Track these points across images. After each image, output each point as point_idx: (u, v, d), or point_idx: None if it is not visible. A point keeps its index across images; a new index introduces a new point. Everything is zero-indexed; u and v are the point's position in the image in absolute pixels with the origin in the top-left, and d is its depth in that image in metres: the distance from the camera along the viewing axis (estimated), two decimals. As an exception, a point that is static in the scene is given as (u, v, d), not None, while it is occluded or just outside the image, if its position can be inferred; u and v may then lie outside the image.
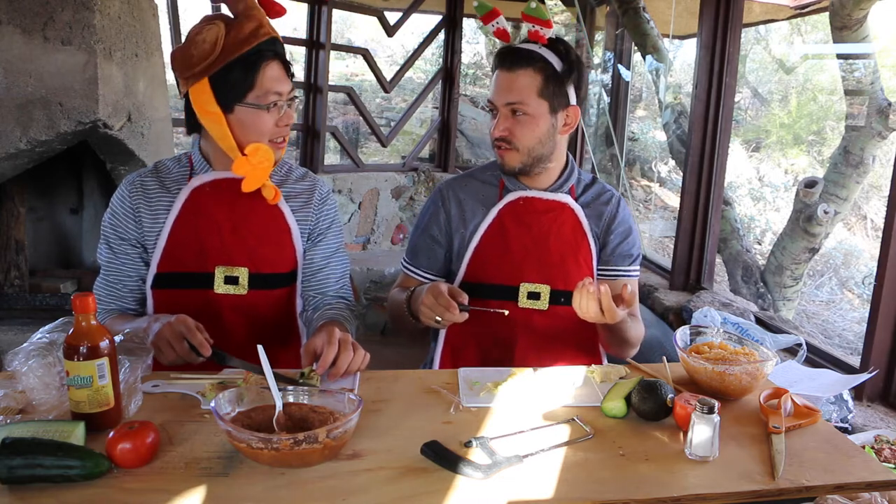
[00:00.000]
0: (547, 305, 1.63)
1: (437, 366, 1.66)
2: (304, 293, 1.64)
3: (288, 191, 1.60)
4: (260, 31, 1.40)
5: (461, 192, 1.69)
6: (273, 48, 1.42)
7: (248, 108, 1.42)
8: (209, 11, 3.71)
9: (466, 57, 9.30)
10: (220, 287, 1.52)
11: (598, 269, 1.69)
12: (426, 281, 1.66)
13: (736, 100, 3.56)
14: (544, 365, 1.50)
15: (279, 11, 1.46)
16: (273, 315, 1.59)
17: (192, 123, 1.49)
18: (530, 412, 1.26)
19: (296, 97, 1.50)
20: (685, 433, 1.15)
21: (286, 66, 1.46)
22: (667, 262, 3.75)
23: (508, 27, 1.60)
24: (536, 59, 1.53)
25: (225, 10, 1.47)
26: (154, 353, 1.31)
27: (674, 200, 7.85)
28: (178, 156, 1.58)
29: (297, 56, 4.22)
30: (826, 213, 3.96)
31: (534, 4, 1.52)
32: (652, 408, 1.22)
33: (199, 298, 1.52)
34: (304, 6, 4.18)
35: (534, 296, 1.62)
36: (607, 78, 4.81)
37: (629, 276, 1.70)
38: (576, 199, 1.66)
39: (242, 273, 1.53)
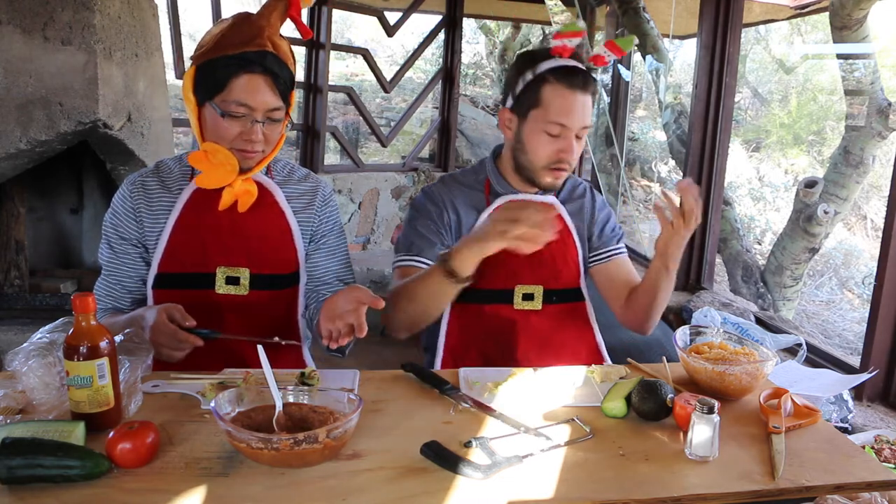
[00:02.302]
0: (541, 305, 1.64)
1: (440, 355, 1.67)
2: (308, 293, 1.64)
3: (290, 191, 1.59)
4: (255, 40, 1.37)
5: (454, 197, 1.65)
6: (260, 61, 1.36)
7: (212, 108, 1.40)
8: (209, 11, 3.72)
9: (466, 57, 9.30)
10: (221, 287, 1.52)
11: (590, 259, 1.72)
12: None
13: (736, 100, 3.57)
14: (546, 364, 1.50)
15: (306, 33, 1.48)
16: (274, 316, 1.59)
17: None
18: (530, 412, 1.26)
19: (279, 119, 1.43)
20: (685, 433, 1.15)
21: (275, 83, 1.38)
22: (667, 262, 3.75)
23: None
24: (594, 81, 1.53)
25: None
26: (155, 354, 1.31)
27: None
28: (179, 155, 1.58)
29: (296, 56, 4.22)
30: (826, 213, 3.96)
31: (624, 37, 1.53)
32: (652, 408, 1.22)
33: (201, 298, 1.51)
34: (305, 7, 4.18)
35: (528, 297, 1.64)
36: (607, 78, 4.81)
37: (619, 253, 1.73)
38: (557, 198, 1.69)
39: (243, 273, 1.52)
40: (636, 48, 4.55)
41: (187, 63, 1.48)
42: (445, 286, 1.42)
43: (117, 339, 1.27)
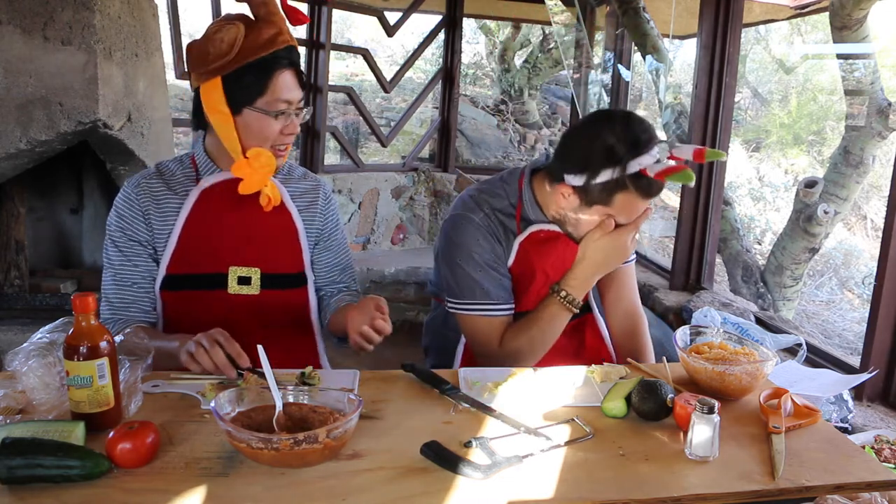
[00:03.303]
0: None
1: (459, 363, 1.68)
2: (318, 289, 1.67)
3: (292, 189, 1.61)
4: (279, 38, 1.41)
5: (496, 228, 1.60)
6: (289, 56, 1.42)
7: (256, 112, 1.42)
8: (209, 11, 3.71)
9: (466, 57, 9.30)
10: (233, 287, 1.52)
11: None
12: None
13: (736, 100, 3.57)
14: None
15: (302, 20, 1.48)
16: (286, 315, 1.60)
17: (199, 120, 1.49)
18: (530, 412, 1.26)
19: (303, 108, 1.49)
20: (685, 433, 1.16)
21: (299, 75, 1.46)
22: (667, 262, 3.75)
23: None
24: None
25: (245, 10, 1.46)
26: (184, 361, 1.28)
27: (674, 200, 7.85)
28: (178, 157, 1.58)
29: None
30: (826, 213, 3.96)
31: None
32: (652, 408, 1.23)
33: (213, 299, 1.52)
34: (305, 6, 4.18)
35: None
36: (607, 78, 4.81)
37: (629, 261, 1.75)
38: None
39: (255, 273, 1.53)
40: (636, 48, 4.55)
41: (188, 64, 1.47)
42: (567, 318, 1.58)
43: (117, 339, 1.27)
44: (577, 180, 1.44)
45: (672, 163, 1.40)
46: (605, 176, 1.41)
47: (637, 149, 1.39)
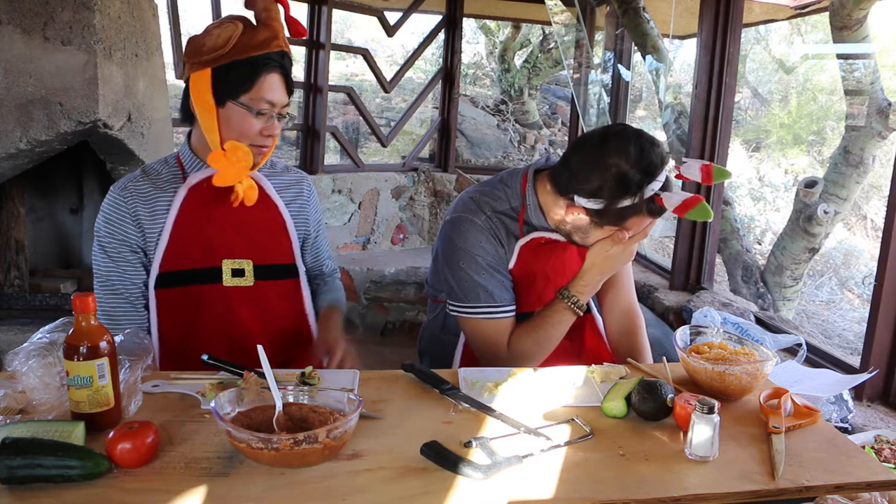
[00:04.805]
0: None
1: (458, 366, 1.68)
2: (311, 280, 1.73)
3: (277, 182, 1.64)
4: (273, 41, 1.44)
5: (498, 230, 1.59)
6: (280, 61, 1.46)
7: (238, 107, 1.45)
8: (209, 12, 3.72)
9: (466, 57, 9.30)
10: (228, 280, 1.55)
11: None
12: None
13: (736, 100, 3.56)
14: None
15: (301, 33, 1.51)
16: (282, 306, 1.63)
17: (186, 113, 1.52)
18: (530, 412, 1.26)
19: (288, 114, 1.52)
20: (685, 433, 1.16)
21: (287, 81, 1.49)
22: (667, 262, 3.75)
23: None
24: None
25: (249, 16, 1.50)
26: None
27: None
28: (163, 158, 1.61)
29: (297, 56, 4.20)
30: (826, 213, 3.95)
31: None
32: (652, 408, 1.23)
33: (209, 293, 1.54)
34: (304, 6, 4.18)
35: None
36: (607, 78, 4.81)
37: None
38: None
39: (247, 265, 1.56)
40: (636, 48, 4.55)
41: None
42: (573, 321, 1.59)
43: (117, 339, 1.27)
44: (590, 204, 1.44)
45: (684, 193, 1.42)
46: (619, 204, 1.42)
47: (651, 176, 1.40)
